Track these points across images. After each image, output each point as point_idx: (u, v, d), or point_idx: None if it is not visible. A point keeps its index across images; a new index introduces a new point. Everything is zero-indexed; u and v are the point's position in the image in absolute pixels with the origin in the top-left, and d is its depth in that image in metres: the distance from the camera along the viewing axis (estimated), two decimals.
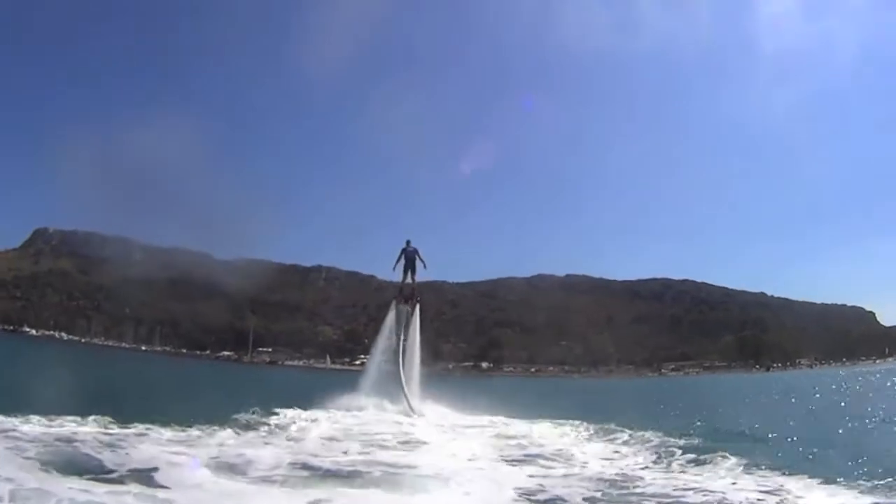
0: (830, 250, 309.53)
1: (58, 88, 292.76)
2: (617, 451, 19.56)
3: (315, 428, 22.35)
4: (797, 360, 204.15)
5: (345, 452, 17.58)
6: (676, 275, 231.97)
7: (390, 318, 32.41)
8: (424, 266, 32.98)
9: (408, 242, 32.54)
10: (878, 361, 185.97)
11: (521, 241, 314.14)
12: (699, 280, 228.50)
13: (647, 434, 21.89)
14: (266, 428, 21.57)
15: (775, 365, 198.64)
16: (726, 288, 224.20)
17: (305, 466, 15.18)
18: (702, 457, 17.44)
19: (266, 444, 18.55)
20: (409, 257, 32.29)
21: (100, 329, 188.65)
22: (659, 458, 18.00)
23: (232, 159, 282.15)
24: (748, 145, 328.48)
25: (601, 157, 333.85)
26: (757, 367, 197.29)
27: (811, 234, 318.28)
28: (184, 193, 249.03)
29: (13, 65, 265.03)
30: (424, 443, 20.36)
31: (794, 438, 20.77)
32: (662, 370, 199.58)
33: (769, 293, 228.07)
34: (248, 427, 21.17)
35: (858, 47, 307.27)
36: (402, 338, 31.33)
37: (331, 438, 20.16)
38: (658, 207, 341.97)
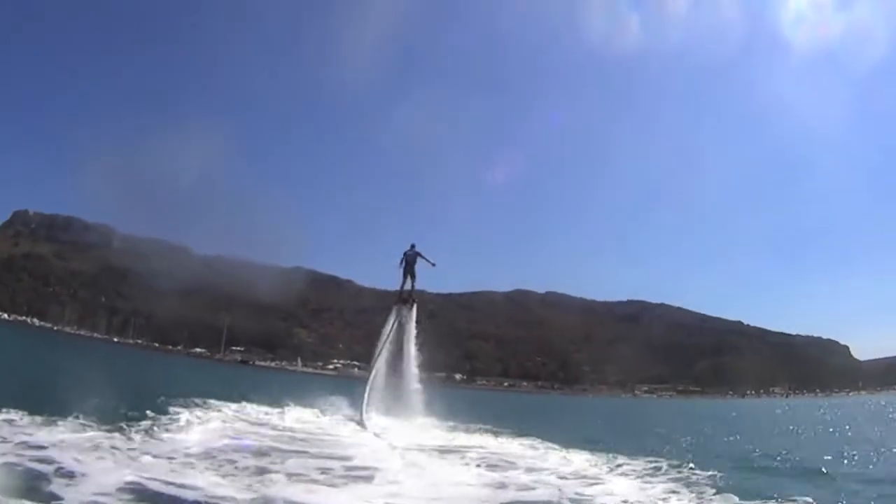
0: (808, 284, 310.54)
1: (60, 81, 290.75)
2: (649, 491, 13.94)
3: (208, 430, 16.92)
4: (771, 389, 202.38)
5: (226, 475, 12.09)
6: (655, 298, 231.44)
7: (389, 322, 30.48)
8: (433, 264, 31.12)
9: (412, 246, 30.78)
10: (851, 394, 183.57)
11: (503, 254, 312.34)
12: (676, 305, 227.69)
13: (671, 464, 16.80)
14: (142, 425, 16.00)
15: (749, 392, 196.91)
16: (703, 314, 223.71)
17: (146, 494, 9.88)
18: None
19: (115, 448, 12.89)
20: (410, 260, 30.54)
21: (73, 317, 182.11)
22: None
23: (240, 161, 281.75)
24: (736, 175, 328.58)
25: (592, 176, 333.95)
26: (731, 393, 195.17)
27: (790, 267, 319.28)
28: (175, 187, 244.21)
29: (16, 56, 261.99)
30: (374, 471, 13.93)
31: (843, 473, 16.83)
32: (636, 391, 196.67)
33: (745, 322, 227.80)
34: (113, 425, 15.32)
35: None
36: (386, 341, 29.52)
37: (220, 451, 14.23)
38: (642, 230, 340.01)
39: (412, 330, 30.42)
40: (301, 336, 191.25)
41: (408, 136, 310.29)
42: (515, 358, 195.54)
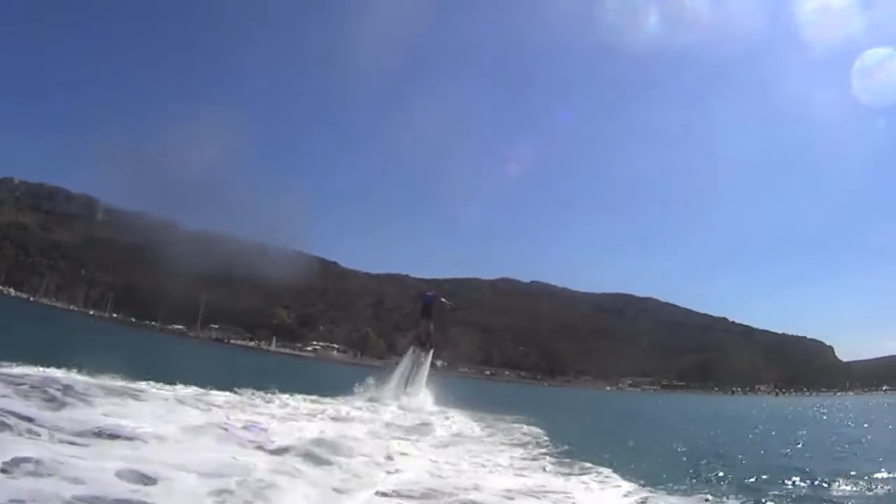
0: (796, 284, 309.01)
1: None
2: None
3: None
4: (757, 387, 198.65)
5: None
6: (641, 292, 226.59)
7: (405, 363, 29.48)
8: (451, 307, 34.83)
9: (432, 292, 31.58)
10: (839, 394, 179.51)
11: (491, 242, 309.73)
12: (663, 299, 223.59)
13: None
14: None
15: (735, 389, 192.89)
16: (689, 309, 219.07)
17: None
18: None
19: None
20: (427, 304, 31.18)
21: (52, 288, 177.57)
22: None
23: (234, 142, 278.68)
24: (734, 174, 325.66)
25: (589, 170, 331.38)
26: (716, 389, 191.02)
27: (780, 266, 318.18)
28: (163, 162, 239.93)
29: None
30: None
31: None
32: (620, 384, 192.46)
33: (731, 318, 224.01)
34: None
35: None
36: (404, 382, 28.46)
37: None
38: (632, 224, 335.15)
39: (425, 373, 29.13)
40: (281, 315, 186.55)
41: (394, 121, 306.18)
42: (498, 346, 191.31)
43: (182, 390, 17.78)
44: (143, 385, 17.02)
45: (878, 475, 13.83)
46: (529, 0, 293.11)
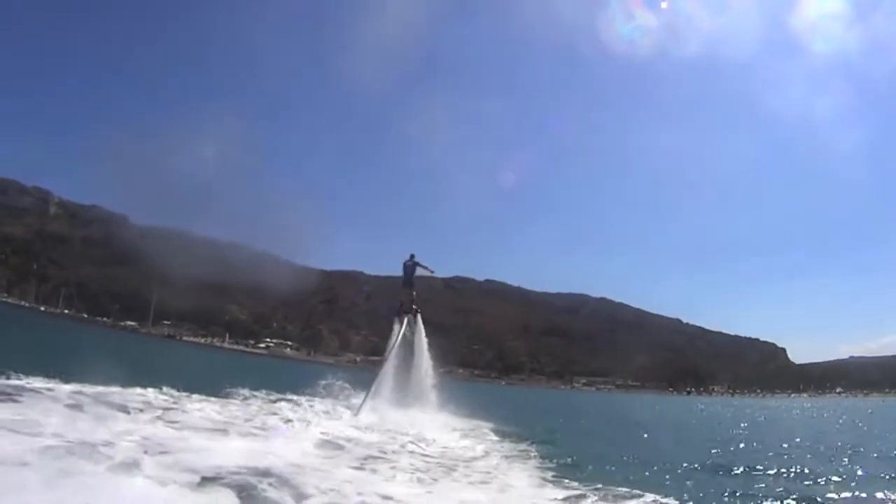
0: (748, 287, 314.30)
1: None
2: None
3: None
4: (710, 387, 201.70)
5: None
6: (595, 292, 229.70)
7: (395, 333, 27.90)
8: (431, 271, 30.16)
9: (411, 256, 29.22)
10: (792, 396, 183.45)
11: (444, 241, 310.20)
12: (617, 300, 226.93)
13: None
14: None
15: (690, 390, 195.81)
16: (643, 310, 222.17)
17: None
18: None
19: None
20: (408, 271, 29.16)
21: (3, 283, 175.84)
22: None
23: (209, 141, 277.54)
24: (702, 181, 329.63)
25: (555, 171, 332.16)
26: (671, 389, 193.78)
27: (731, 269, 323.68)
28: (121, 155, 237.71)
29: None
30: None
31: None
32: (574, 384, 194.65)
33: (684, 320, 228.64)
34: None
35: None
36: (392, 352, 26.94)
37: None
38: (586, 224, 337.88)
39: (423, 338, 28.37)
40: (233, 313, 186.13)
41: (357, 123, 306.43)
42: (452, 345, 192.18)
43: (86, 389, 13.65)
44: (37, 382, 13.21)
45: None
46: (518, 8, 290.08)
